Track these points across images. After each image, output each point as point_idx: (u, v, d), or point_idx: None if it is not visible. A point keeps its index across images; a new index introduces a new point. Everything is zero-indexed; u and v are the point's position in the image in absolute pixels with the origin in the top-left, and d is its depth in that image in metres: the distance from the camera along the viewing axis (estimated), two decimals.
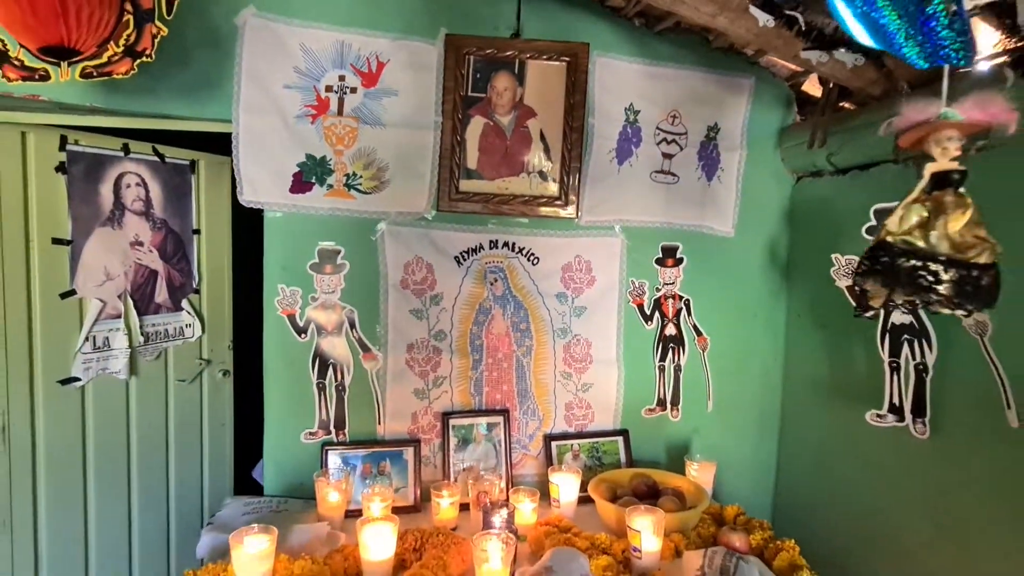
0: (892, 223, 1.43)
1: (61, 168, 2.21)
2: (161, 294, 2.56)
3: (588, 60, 2.26)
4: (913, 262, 1.36)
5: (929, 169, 1.39)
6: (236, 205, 2.70)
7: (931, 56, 1.08)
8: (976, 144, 1.48)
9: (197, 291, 2.71)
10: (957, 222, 1.31)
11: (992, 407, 1.71)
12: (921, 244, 1.33)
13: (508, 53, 2.21)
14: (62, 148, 2.20)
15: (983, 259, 1.26)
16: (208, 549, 1.85)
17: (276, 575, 1.64)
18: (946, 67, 1.20)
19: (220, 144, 2.55)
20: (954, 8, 0.86)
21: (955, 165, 1.33)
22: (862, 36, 1.22)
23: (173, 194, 2.57)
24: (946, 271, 1.29)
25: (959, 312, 1.36)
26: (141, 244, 2.47)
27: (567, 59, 2.24)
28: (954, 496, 1.88)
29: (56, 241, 2.22)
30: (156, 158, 2.48)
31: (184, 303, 2.65)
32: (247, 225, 2.80)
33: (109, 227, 2.37)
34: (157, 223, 2.52)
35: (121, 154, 2.37)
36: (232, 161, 2.67)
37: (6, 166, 2.08)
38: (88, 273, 2.30)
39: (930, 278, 1.29)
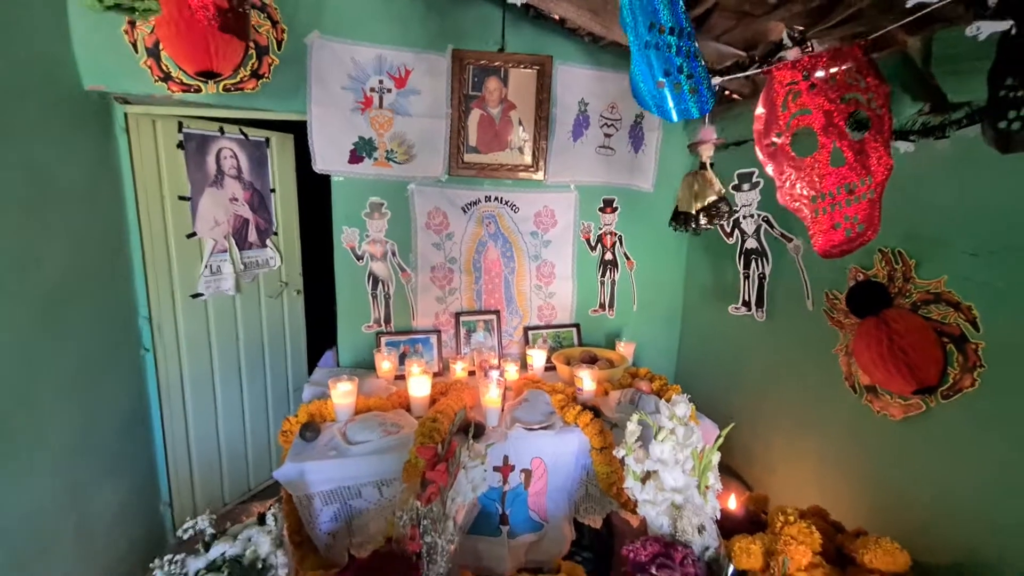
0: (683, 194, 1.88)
1: (180, 145, 2.33)
2: (252, 235, 2.68)
3: (552, 68, 2.39)
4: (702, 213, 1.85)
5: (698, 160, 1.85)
6: (299, 172, 2.87)
7: (682, 114, 1.27)
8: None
9: (276, 233, 2.82)
10: (707, 187, 1.79)
11: (799, 299, 2.03)
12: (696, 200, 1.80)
13: (496, 63, 2.33)
14: (180, 131, 2.32)
15: (712, 199, 1.74)
16: (311, 395, 2.13)
17: (358, 406, 1.95)
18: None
19: (285, 126, 2.66)
20: (693, 86, 1.15)
21: (706, 159, 1.80)
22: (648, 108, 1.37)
23: (256, 163, 2.66)
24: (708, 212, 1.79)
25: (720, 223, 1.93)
26: (236, 199, 2.58)
27: (537, 67, 2.37)
28: (778, 354, 2.19)
29: (181, 198, 2.36)
30: (242, 136, 2.57)
31: (268, 242, 2.77)
32: (306, 187, 2.94)
33: (215, 187, 2.48)
34: (246, 184, 2.62)
35: (219, 134, 2.47)
36: (294, 138, 2.81)
37: (145, 145, 2.23)
38: (203, 220, 2.44)
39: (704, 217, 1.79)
